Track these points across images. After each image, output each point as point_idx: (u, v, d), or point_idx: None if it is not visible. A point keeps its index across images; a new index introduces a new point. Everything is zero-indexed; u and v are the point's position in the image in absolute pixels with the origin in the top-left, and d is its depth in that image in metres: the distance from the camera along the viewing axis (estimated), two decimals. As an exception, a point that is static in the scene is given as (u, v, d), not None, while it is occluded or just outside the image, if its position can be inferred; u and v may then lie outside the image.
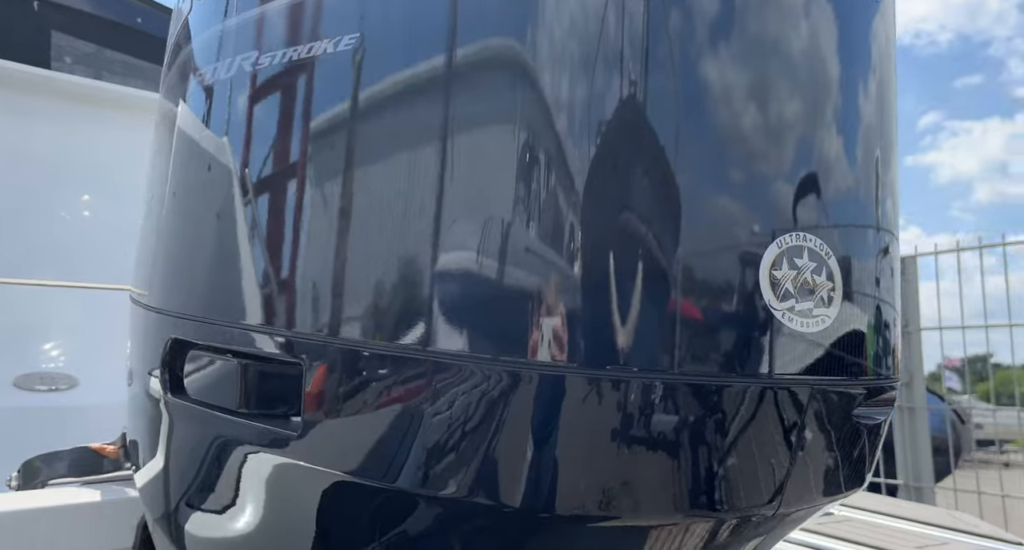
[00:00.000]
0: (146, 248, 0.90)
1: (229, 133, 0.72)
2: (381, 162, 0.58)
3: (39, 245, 1.91)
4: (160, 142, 0.88)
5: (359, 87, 0.60)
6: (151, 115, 0.97)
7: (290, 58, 0.65)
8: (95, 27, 3.35)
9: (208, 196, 0.73)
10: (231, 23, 0.72)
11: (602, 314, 0.52)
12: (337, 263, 0.59)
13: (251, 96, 0.69)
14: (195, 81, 0.78)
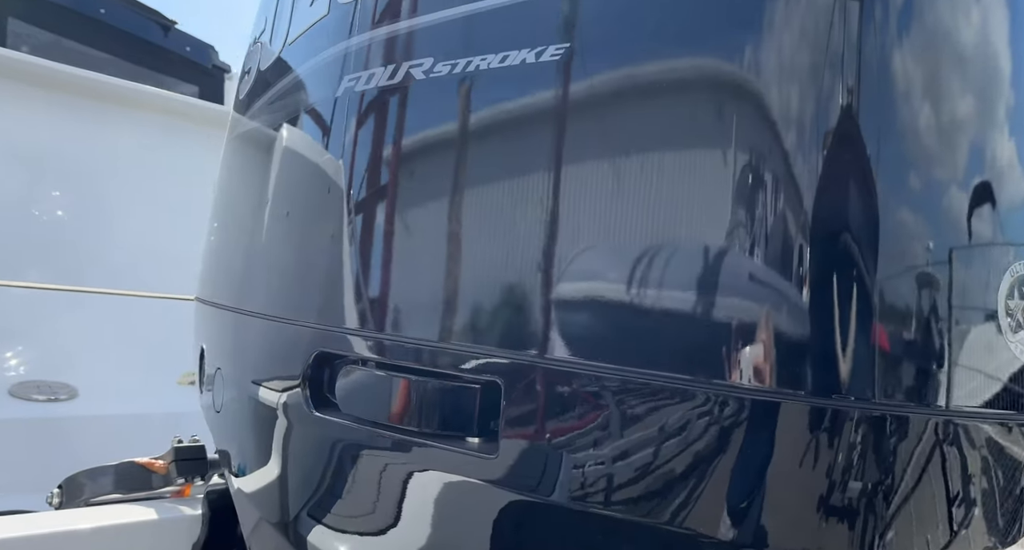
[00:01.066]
0: (262, 260, 0.87)
1: (396, 141, 0.70)
2: (595, 174, 0.59)
3: (35, 245, 1.78)
4: (280, 157, 0.85)
5: (565, 97, 0.61)
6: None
7: (476, 67, 0.65)
8: (55, 17, 3.14)
9: (381, 207, 0.71)
10: (396, 28, 0.71)
11: (826, 340, 0.50)
12: (546, 281, 0.58)
13: (432, 102, 0.68)
14: (347, 89, 0.75)
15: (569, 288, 0.59)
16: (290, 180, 0.85)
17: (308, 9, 0.84)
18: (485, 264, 0.63)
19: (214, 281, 1.07)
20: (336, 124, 0.76)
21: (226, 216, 1.04)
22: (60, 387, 1.54)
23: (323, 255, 0.75)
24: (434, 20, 0.68)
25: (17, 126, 1.78)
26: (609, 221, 0.58)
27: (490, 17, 0.64)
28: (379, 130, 0.73)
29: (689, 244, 0.56)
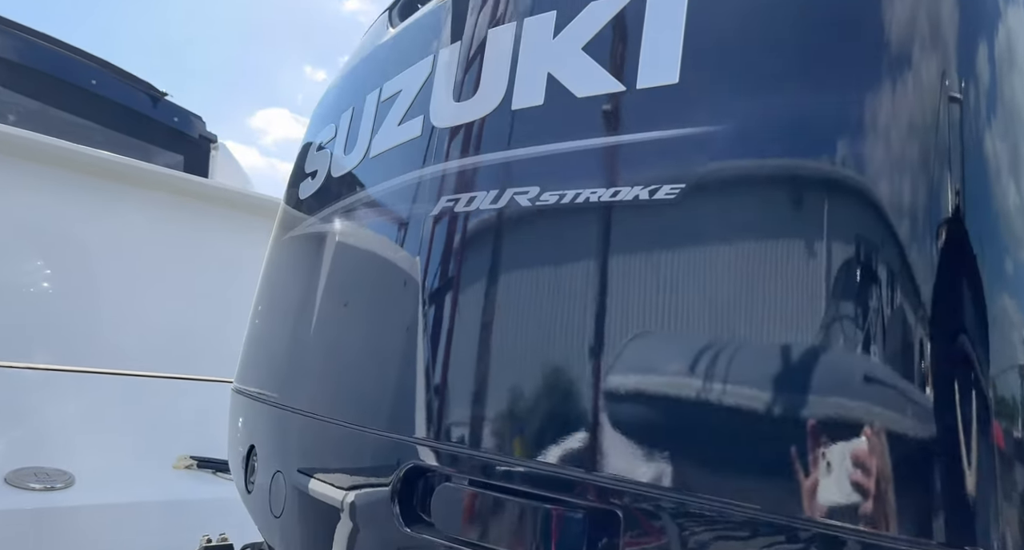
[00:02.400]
0: (342, 365, 0.87)
1: (499, 263, 0.74)
2: (712, 304, 0.63)
3: (35, 325, 1.72)
4: (367, 265, 0.87)
5: (676, 234, 0.65)
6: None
7: (586, 199, 0.69)
8: (44, 86, 3.13)
9: (484, 327, 0.73)
10: (499, 157, 0.76)
11: (961, 476, 0.48)
12: (678, 408, 0.61)
13: (537, 227, 0.72)
14: (444, 209, 0.79)
15: (708, 417, 0.60)
16: (377, 288, 0.87)
17: (396, 128, 0.88)
18: (605, 389, 0.66)
19: (268, 377, 1.06)
20: (436, 242, 0.79)
21: (287, 310, 1.04)
22: (57, 474, 1.47)
23: (421, 366, 0.77)
24: (543, 151, 0.73)
25: (17, 203, 1.75)
26: (749, 357, 0.61)
27: (604, 152, 0.69)
28: (481, 252, 0.76)
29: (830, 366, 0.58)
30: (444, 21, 0.87)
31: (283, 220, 1.15)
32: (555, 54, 0.73)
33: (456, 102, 0.81)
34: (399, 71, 0.91)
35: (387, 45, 0.98)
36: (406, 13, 0.99)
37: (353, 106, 0.99)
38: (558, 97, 0.72)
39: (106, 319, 1.90)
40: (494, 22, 0.80)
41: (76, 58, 3.32)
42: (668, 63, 0.66)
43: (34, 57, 3.11)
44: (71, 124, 3.27)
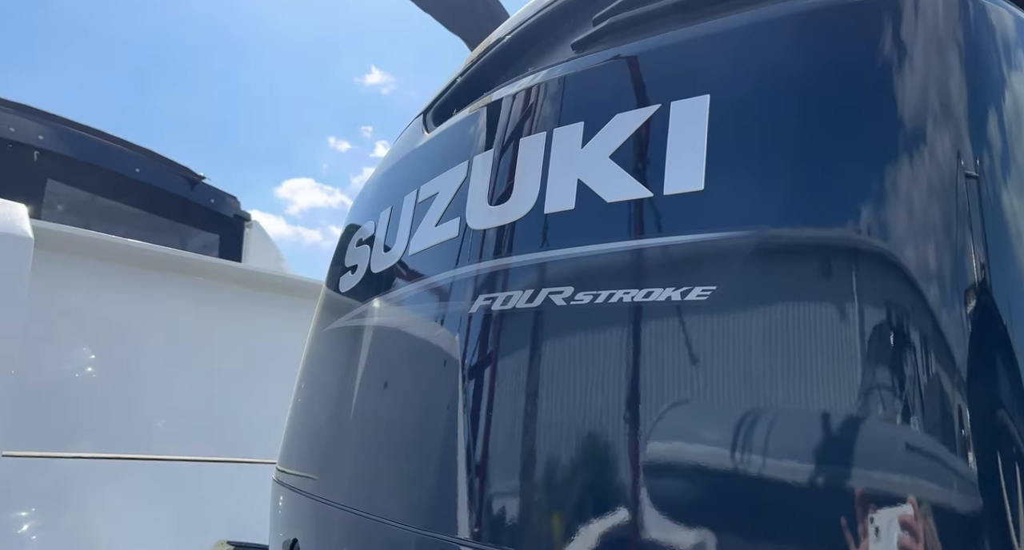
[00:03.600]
0: (373, 459, 0.89)
1: (537, 361, 0.76)
2: (754, 400, 0.64)
3: (79, 413, 1.77)
4: (407, 361, 0.90)
5: (707, 334, 0.67)
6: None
7: (620, 299, 0.72)
8: (92, 177, 3.32)
9: (527, 431, 0.75)
10: (534, 258, 0.79)
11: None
12: (732, 515, 0.61)
13: (572, 326, 0.74)
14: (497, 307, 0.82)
15: (756, 529, 0.61)
16: (416, 384, 0.89)
17: (433, 228, 0.92)
18: (652, 489, 0.66)
19: (309, 467, 1.07)
20: (474, 340, 0.82)
21: (327, 403, 1.07)
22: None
23: (462, 466, 0.78)
24: (575, 253, 0.76)
25: (62, 295, 1.83)
26: (788, 452, 0.62)
27: (635, 255, 0.72)
28: (519, 350, 0.78)
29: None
30: (477, 129, 0.93)
31: (323, 311, 1.19)
32: (584, 162, 0.77)
33: (491, 205, 0.85)
34: (435, 174, 0.96)
35: (423, 149, 1.04)
36: (440, 118, 1.06)
37: (391, 205, 1.05)
38: (588, 202, 0.76)
39: (146, 405, 1.94)
40: (525, 131, 0.85)
41: (120, 148, 3.53)
42: (693, 170, 0.70)
43: (82, 150, 3.31)
44: (116, 211, 3.44)
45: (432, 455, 0.83)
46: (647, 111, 0.74)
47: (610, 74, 0.80)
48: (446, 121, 1.02)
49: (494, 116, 0.91)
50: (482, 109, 0.94)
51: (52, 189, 3.12)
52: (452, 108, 1.03)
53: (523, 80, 0.89)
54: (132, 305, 2.01)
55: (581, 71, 0.83)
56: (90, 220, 3.37)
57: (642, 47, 0.78)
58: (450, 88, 1.09)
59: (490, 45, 1.04)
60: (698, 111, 0.71)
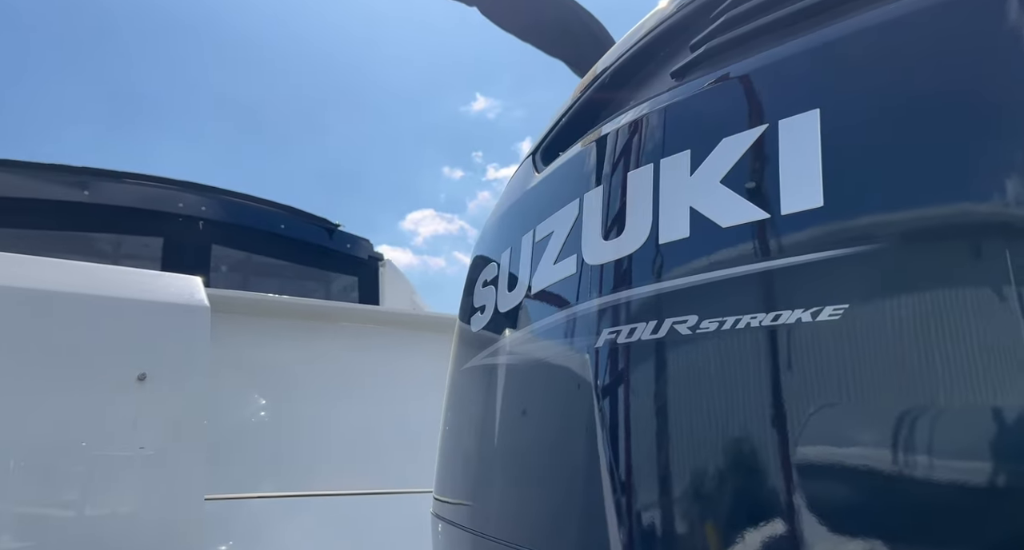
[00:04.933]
0: (518, 492, 0.93)
1: (666, 392, 0.77)
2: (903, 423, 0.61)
3: (260, 457, 1.99)
4: (538, 399, 0.94)
5: (844, 354, 0.65)
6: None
7: (747, 324, 0.71)
8: (246, 238, 3.73)
9: (656, 461, 0.76)
10: (655, 288, 0.80)
11: None
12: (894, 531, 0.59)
13: (699, 355, 0.75)
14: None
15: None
16: (551, 420, 0.92)
17: (552, 267, 0.96)
18: (805, 511, 0.65)
19: (463, 497, 1.13)
20: (602, 373, 0.84)
21: (471, 439, 1.13)
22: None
23: (609, 500, 0.80)
24: (696, 281, 0.76)
25: (235, 349, 2.06)
26: (938, 471, 0.58)
27: (759, 279, 0.71)
28: (650, 380, 0.79)
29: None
30: (585, 166, 0.96)
31: (459, 350, 1.26)
32: (695, 189, 0.78)
33: (605, 240, 0.87)
34: (549, 213, 1.00)
35: (535, 189, 1.09)
36: (548, 158, 1.10)
37: (510, 246, 1.10)
38: (703, 229, 0.76)
39: (314, 445, 2.14)
40: (632, 164, 0.87)
41: (266, 208, 3.93)
42: (810, 187, 0.68)
43: (236, 215, 3.73)
44: (269, 265, 3.84)
45: (576, 486, 0.85)
46: (755, 132, 0.73)
47: (712, 99, 0.80)
48: (554, 160, 1.06)
49: (600, 152, 0.93)
50: (588, 146, 0.97)
51: (216, 253, 3.55)
52: (559, 147, 1.07)
53: (626, 114, 0.91)
54: (293, 354, 2.24)
55: (682, 99, 0.83)
56: (248, 277, 3.78)
57: (742, 69, 0.78)
58: (556, 127, 1.14)
59: (590, 82, 1.08)
60: (808, 126, 0.69)
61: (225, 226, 3.60)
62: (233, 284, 3.63)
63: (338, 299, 4.00)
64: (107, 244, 3.44)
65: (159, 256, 3.38)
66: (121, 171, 3.47)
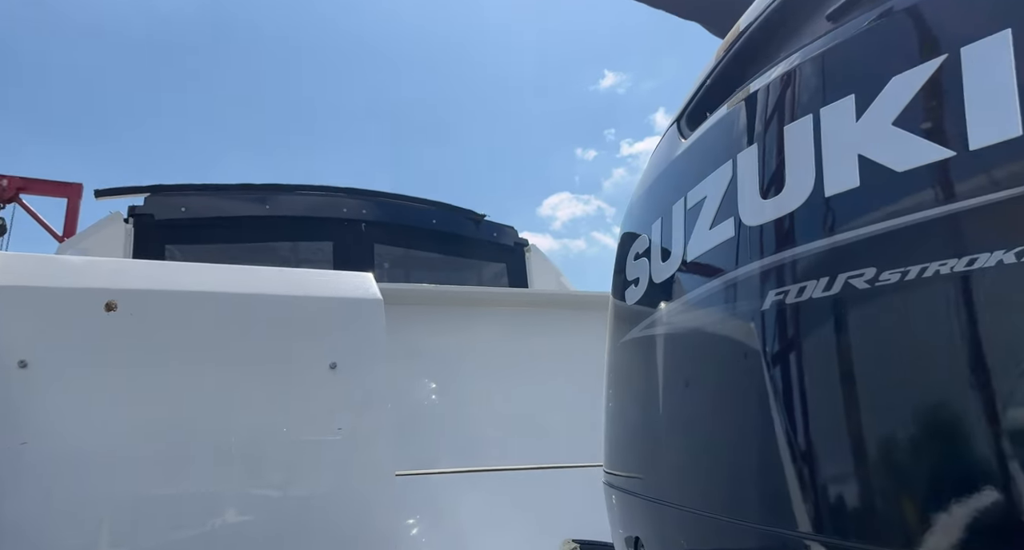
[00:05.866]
0: (691, 458, 0.94)
1: (843, 350, 0.74)
2: None
3: (434, 435, 2.16)
4: (704, 367, 0.94)
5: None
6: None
7: (936, 271, 0.66)
8: (403, 235, 4.01)
9: (839, 420, 0.73)
10: (824, 243, 0.77)
11: None
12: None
13: (881, 309, 0.71)
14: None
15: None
16: (720, 385, 0.92)
17: (708, 232, 0.95)
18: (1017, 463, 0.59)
19: (633, 468, 1.16)
20: (772, 336, 0.82)
21: (638, 408, 1.14)
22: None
23: (788, 462, 0.78)
24: (872, 232, 0.72)
25: (407, 337, 2.22)
26: None
27: (947, 222, 0.66)
28: (826, 339, 0.76)
29: None
30: (736, 126, 0.93)
31: (615, 324, 1.28)
32: (862, 135, 0.73)
33: (764, 199, 0.84)
34: (700, 179, 0.98)
35: (683, 156, 1.08)
36: (694, 123, 1.08)
37: (661, 216, 1.09)
38: (876, 176, 0.71)
39: (486, 423, 2.28)
40: (789, 118, 0.83)
41: (418, 206, 4.18)
42: (1004, 116, 0.61)
43: (393, 215, 4.01)
44: (424, 259, 4.10)
45: (754, 450, 0.84)
46: (930, 66, 0.67)
47: (876, 37, 0.74)
48: (701, 125, 1.04)
49: (751, 110, 0.90)
50: (738, 106, 0.94)
51: (378, 252, 3.85)
52: (705, 111, 1.05)
53: (777, 67, 0.87)
54: (458, 338, 2.40)
55: (841, 42, 0.78)
56: (408, 271, 4.06)
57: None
58: (700, 91, 1.11)
59: (734, 39, 1.04)
60: (997, 50, 0.62)
61: (384, 226, 3.90)
62: (394, 279, 3.92)
63: (490, 285, 4.17)
64: (287, 251, 3.87)
65: (330, 258, 3.74)
66: (293, 184, 3.87)
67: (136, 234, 3.43)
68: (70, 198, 9.25)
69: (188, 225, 3.57)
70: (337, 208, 3.85)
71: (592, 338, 1.47)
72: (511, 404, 2.32)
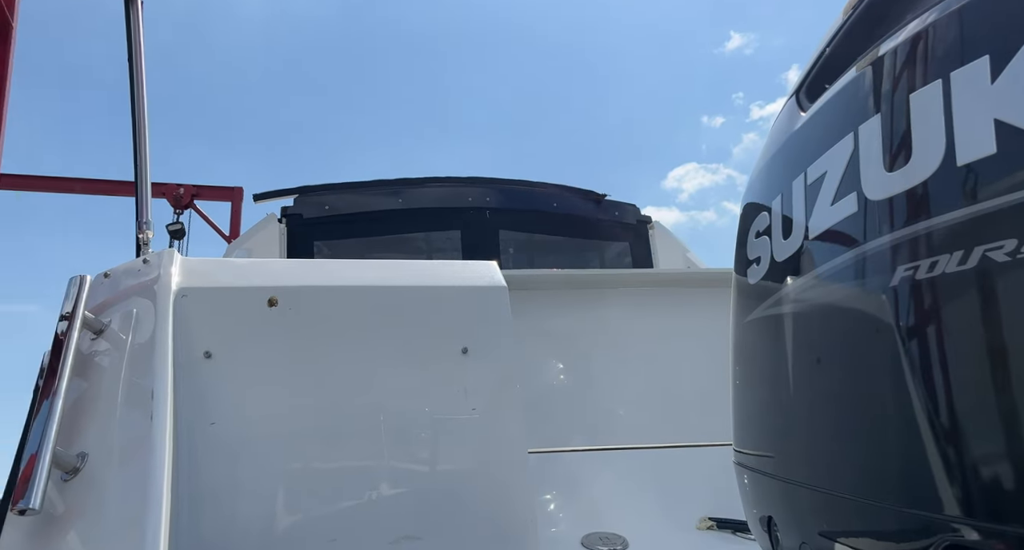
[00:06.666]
0: (824, 438, 0.93)
1: (982, 324, 0.70)
2: None
3: (567, 415, 2.24)
4: (830, 343, 0.92)
5: None
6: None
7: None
8: (526, 220, 4.11)
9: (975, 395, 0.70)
10: (962, 214, 0.73)
11: None
12: None
13: None
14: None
15: None
16: (851, 363, 0.89)
17: (829, 208, 0.92)
18: None
19: (764, 447, 1.15)
20: (904, 312, 0.79)
21: (766, 387, 1.13)
22: (615, 538, 1.80)
23: (929, 440, 0.76)
24: (1013, 201, 0.68)
25: (533, 321, 2.30)
26: None
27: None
28: (962, 314, 0.73)
29: None
30: (857, 96, 0.89)
31: (739, 302, 1.26)
32: (999, 98, 0.68)
33: (889, 172, 0.81)
34: (820, 153, 0.95)
35: (802, 130, 1.04)
36: (814, 95, 1.04)
37: (781, 193, 1.07)
38: (1014, 141, 0.67)
39: (615, 402, 2.32)
40: (914, 84, 0.79)
41: (538, 190, 4.25)
42: None
43: (515, 200, 4.12)
44: (547, 242, 4.17)
45: (893, 429, 0.82)
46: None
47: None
48: (821, 96, 1.00)
49: (874, 77, 0.86)
50: (859, 73, 0.90)
51: (503, 237, 3.98)
52: (825, 81, 1.01)
53: (899, 33, 0.82)
54: (581, 321, 2.45)
55: (976, 0, 0.73)
56: (532, 255, 4.16)
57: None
58: (820, 59, 1.06)
59: (854, 6, 0.98)
60: None
61: (507, 212, 4.01)
62: (519, 263, 4.03)
63: (613, 265, 4.16)
64: (420, 241, 4.11)
65: (459, 246, 3.92)
66: (422, 178, 4.09)
67: (288, 233, 3.81)
68: (233, 201, 10.33)
69: (332, 222, 3.90)
70: (463, 198, 4.02)
71: (717, 317, 1.46)
72: (639, 384, 2.33)
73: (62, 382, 1.49)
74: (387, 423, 1.71)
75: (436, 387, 1.76)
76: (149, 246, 2.34)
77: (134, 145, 2.54)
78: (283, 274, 1.85)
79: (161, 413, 1.47)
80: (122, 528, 1.37)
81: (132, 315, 1.73)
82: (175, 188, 9.26)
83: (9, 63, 3.00)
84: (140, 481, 1.37)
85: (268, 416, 1.68)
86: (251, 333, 1.72)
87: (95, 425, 1.58)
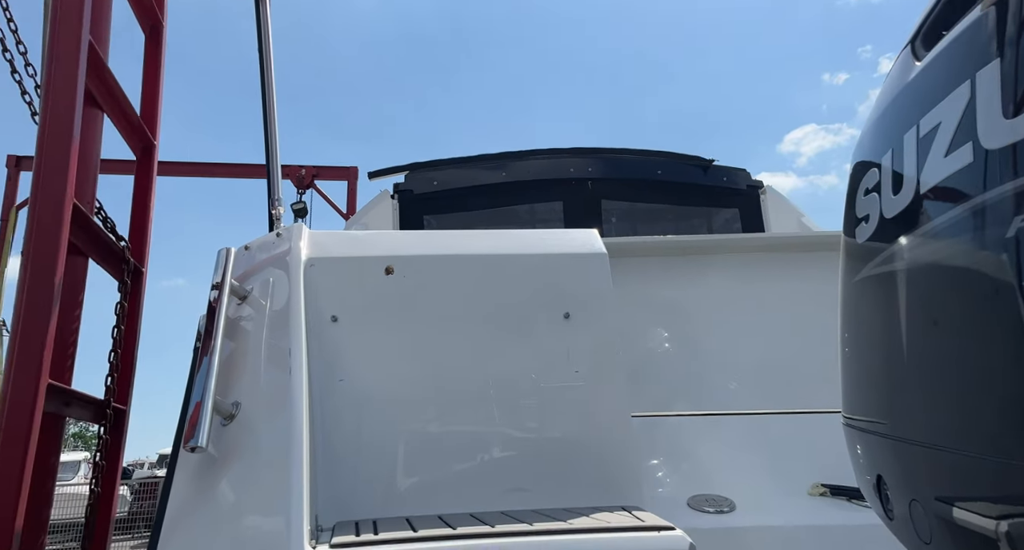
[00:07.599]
0: (938, 395, 0.91)
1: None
2: None
3: (671, 381, 2.26)
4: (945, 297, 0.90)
5: None
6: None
7: None
8: (629, 189, 4.08)
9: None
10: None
11: None
12: None
13: None
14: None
15: None
16: (969, 319, 0.87)
17: (943, 160, 0.89)
18: None
19: (875, 409, 1.14)
20: (1022, 264, 0.76)
21: (878, 346, 1.11)
22: (722, 500, 1.82)
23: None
24: None
25: (636, 288, 2.32)
26: None
27: None
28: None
29: None
30: (976, 42, 0.85)
31: (848, 262, 1.24)
32: None
33: (1008, 119, 0.78)
34: (934, 104, 0.92)
35: (916, 81, 1.00)
36: (929, 43, 0.99)
37: (891, 148, 1.04)
38: None
39: (721, 368, 2.31)
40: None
41: (642, 158, 4.19)
42: None
43: (617, 170, 4.09)
44: (652, 210, 4.12)
45: (1008, 389, 0.80)
46: None
47: None
48: (937, 43, 0.96)
49: (993, 22, 0.82)
50: (978, 18, 0.86)
51: (605, 207, 3.97)
52: (942, 28, 0.96)
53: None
54: (688, 287, 2.44)
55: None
56: (635, 224, 4.13)
57: None
58: (936, 8, 1.01)
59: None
60: None
61: (609, 181, 4.00)
62: (622, 232, 4.01)
63: (722, 231, 4.04)
64: (524, 213, 4.19)
65: (561, 217, 3.96)
66: (524, 151, 4.15)
67: (400, 208, 4.01)
68: (349, 180, 10.95)
69: (440, 196, 4.07)
70: (564, 169, 4.04)
71: (827, 280, 1.42)
72: (744, 351, 2.30)
73: (216, 341, 1.72)
74: (495, 387, 1.81)
75: (540, 350, 1.83)
76: (281, 221, 2.57)
77: (265, 131, 2.78)
78: (398, 245, 1.99)
79: (298, 370, 1.66)
80: (271, 470, 1.57)
81: (269, 283, 1.93)
82: (298, 170, 9.91)
83: (161, 63, 3.36)
84: (284, 428, 1.57)
85: (387, 376, 1.84)
86: (371, 299, 1.88)
87: (245, 379, 1.80)
